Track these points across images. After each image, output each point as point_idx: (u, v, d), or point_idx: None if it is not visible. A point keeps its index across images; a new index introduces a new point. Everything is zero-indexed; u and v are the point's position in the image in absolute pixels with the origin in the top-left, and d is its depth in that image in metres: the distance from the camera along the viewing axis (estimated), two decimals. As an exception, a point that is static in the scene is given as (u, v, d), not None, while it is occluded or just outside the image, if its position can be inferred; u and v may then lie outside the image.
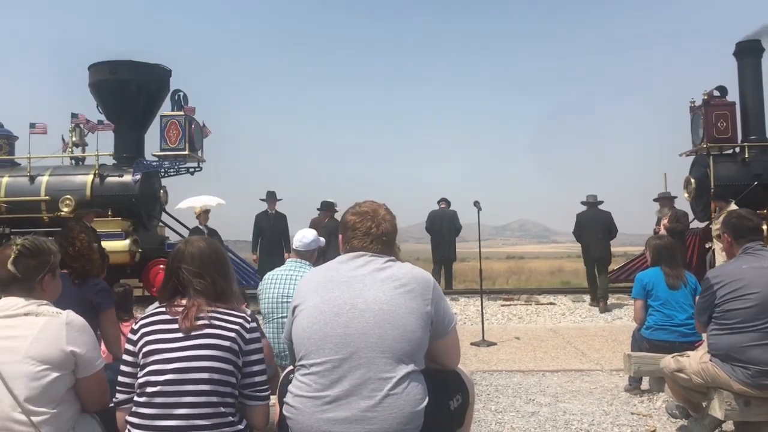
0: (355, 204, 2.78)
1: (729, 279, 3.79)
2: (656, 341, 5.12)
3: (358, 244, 2.65)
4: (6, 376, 2.37)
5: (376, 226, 2.65)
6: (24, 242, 2.64)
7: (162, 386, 2.35)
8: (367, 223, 2.66)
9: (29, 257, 2.63)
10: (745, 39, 13.43)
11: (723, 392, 3.75)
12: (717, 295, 3.79)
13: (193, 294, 2.53)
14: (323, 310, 2.44)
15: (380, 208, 2.73)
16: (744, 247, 3.93)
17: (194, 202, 12.39)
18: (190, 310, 2.47)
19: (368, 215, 2.68)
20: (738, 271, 3.81)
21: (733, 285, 3.74)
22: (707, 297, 3.88)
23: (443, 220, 13.37)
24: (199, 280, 2.55)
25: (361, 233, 2.65)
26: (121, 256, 11.78)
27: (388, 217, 2.71)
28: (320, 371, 2.35)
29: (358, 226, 2.67)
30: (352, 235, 2.67)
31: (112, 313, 4.00)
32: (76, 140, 13.39)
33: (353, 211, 2.73)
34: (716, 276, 3.88)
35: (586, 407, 4.99)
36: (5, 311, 2.52)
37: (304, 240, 4.89)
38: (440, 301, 2.55)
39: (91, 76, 13.62)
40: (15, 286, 2.59)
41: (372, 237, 2.64)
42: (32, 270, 2.63)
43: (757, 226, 4.02)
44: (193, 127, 13.37)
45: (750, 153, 12.71)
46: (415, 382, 2.36)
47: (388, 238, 2.68)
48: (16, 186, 12.86)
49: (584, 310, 10.92)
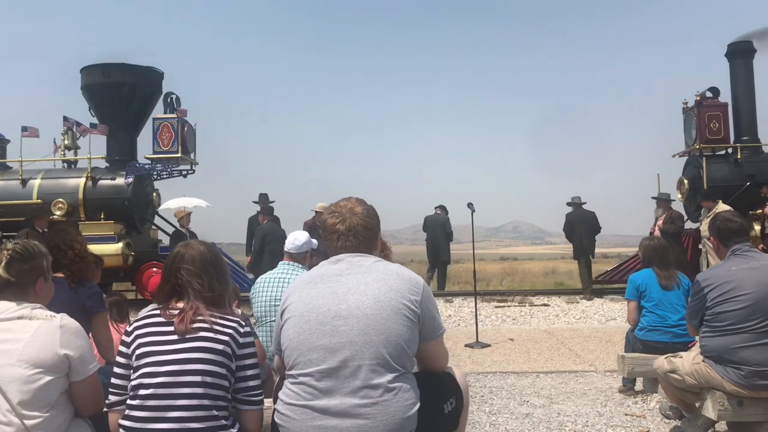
0: None
1: (719, 281, 3.79)
2: (650, 342, 5.12)
3: (331, 244, 2.61)
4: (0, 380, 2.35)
5: (342, 222, 2.58)
6: (15, 246, 2.62)
7: (154, 389, 2.34)
8: (334, 221, 2.60)
9: (21, 261, 2.60)
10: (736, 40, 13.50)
11: (716, 393, 3.76)
12: (708, 298, 3.80)
13: (192, 297, 2.52)
14: (308, 319, 2.40)
15: (350, 203, 2.64)
16: (732, 249, 3.94)
17: (172, 204, 12.39)
18: (187, 314, 2.46)
19: (335, 213, 2.62)
20: (727, 273, 3.81)
21: (723, 287, 3.75)
22: (698, 300, 3.89)
23: (435, 226, 13.86)
24: (199, 282, 2.55)
25: (329, 232, 2.61)
26: (114, 260, 11.75)
27: (358, 210, 2.61)
28: (309, 381, 2.32)
29: (327, 226, 2.63)
30: (325, 236, 2.64)
31: (105, 317, 3.99)
32: (68, 143, 13.35)
33: (327, 210, 2.70)
34: (706, 279, 3.89)
35: (580, 408, 4.99)
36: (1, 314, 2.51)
37: (296, 242, 4.88)
38: (429, 304, 2.50)
39: (83, 78, 13.59)
40: (8, 290, 2.57)
41: (339, 234, 2.58)
42: (25, 274, 2.60)
43: (741, 227, 4.03)
44: (185, 129, 13.36)
45: (742, 154, 12.79)
46: (406, 386, 2.34)
47: (359, 233, 2.58)
48: (8, 190, 12.82)
49: (578, 311, 10.94)
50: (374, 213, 2.68)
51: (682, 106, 13.63)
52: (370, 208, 2.68)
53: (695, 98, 13.13)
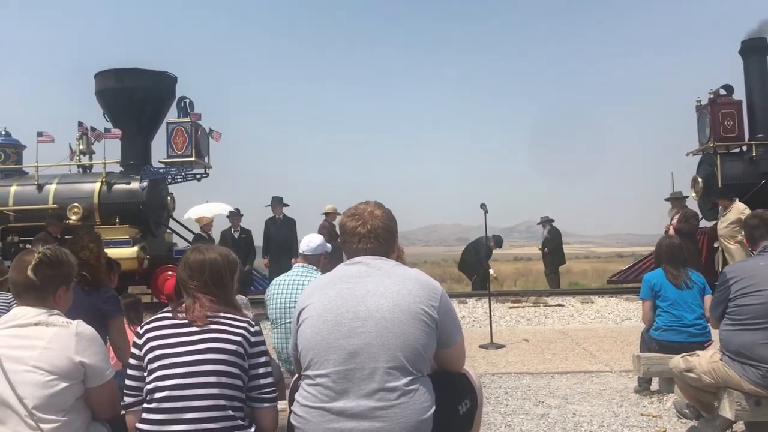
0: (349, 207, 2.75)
1: (744, 275, 3.83)
2: (665, 342, 5.10)
3: (350, 247, 2.63)
4: (16, 385, 2.39)
5: (362, 225, 2.60)
6: (46, 251, 2.66)
7: (169, 391, 2.36)
8: (354, 224, 2.62)
9: (49, 266, 2.64)
10: (750, 37, 13.38)
11: (733, 392, 3.73)
12: (732, 290, 3.83)
13: (192, 291, 2.59)
14: (326, 319, 2.41)
15: (369, 206, 2.66)
16: (763, 245, 4.01)
17: (194, 213, 12.49)
18: (193, 307, 2.53)
19: (355, 216, 2.64)
20: (754, 267, 3.86)
21: (747, 281, 3.78)
22: (722, 291, 3.91)
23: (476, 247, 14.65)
24: (195, 283, 2.61)
25: (349, 235, 2.62)
26: (130, 263, 11.80)
27: (377, 213, 2.63)
28: (325, 382, 2.33)
29: (347, 228, 2.64)
30: (344, 239, 2.66)
31: (121, 321, 4.03)
32: (83, 148, 13.43)
33: (345, 213, 2.71)
34: (732, 271, 3.93)
35: (596, 409, 4.97)
36: (16, 321, 2.54)
37: (310, 244, 4.90)
38: (448, 310, 2.51)
39: (97, 84, 13.68)
40: (30, 293, 2.61)
41: (359, 237, 2.60)
42: (50, 279, 2.64)
43: None
44: (199, 133, 13.42)
45: (757, 151, 12.66)
46: (423, 389, 2.35)
47: (379, 235, 2.60)
48: (24, 195, 12.92)
49: (593, 311, 10.89)
50: (393, 217, 2.71)
51: (696, 103, 13.52)
52: (389, 212, 2.70)
53: (709, 96, 13.03)
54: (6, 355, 2.44)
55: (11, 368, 2.41)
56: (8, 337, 2.49)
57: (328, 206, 12.73)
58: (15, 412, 2.37)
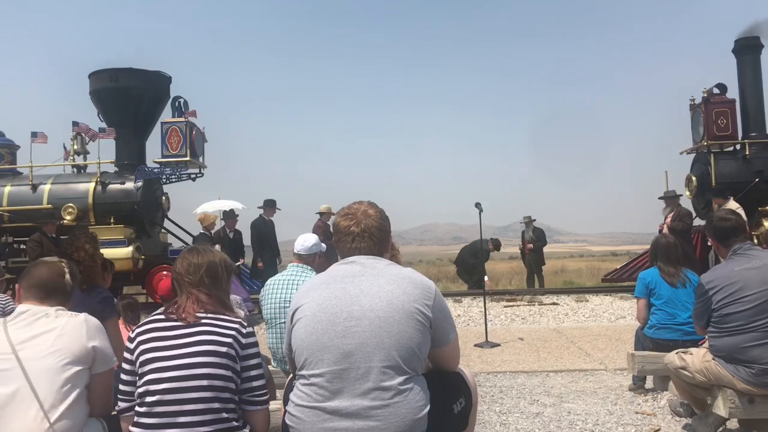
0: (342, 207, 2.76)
1: (723, 283, 3.77)
2: (659, 340, 5.11)
3: (344, 246, 2.64)
4: (30, 374, 2.46)
5: (356, 224, 2.61)
6: (70, 264, 2.96)
7: (161, 395, 2.35)
8: (348, 223, 2.63)
9: (73, 277, 2.91)
10: (743, 36, 13.42)
11: (727, 390, 3.76)
12: (713, 300, 3.78)
13: (187, 286, 2.61)
14: (320, 319, 2.41)
15: (363, 206, 2.67)
16: (733, 248, 3.92)
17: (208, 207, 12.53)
18: (187, 302, 2.55)
19: (349, 215, 2.65)
20: (731, 273, 3.79)
21: (728, 289, 3.73)
22: (703, 302, 3.86)
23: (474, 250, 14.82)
24: (191, 278, 2.62)
25: (343, 234, 2.63)
26: (124, 263, 11.79)
27: (371, 213, 2.64)
28: (320, 382, 2.34)
29: (341, 228, 2.65)
30: (338, 238, 2.66)
31: (115, 322, 4.03)
32: (77, 148, 13.42)
33: (339, 213, 2.73)
34: (710, 281, 3.86)
35: (591, 407, 4.98)
36: (27, 314, 2.66)
37: (305, 244, 4.89)
38: (441, 309, 2.51)
39: (91, 83, 13.66)
40: (57, 297, 2.78)
41: (353, 236, 2.60)
42: (73, 287, 2.92)
43: (737, 225, 3.99)
44: (194, 133, 13.41)
45: (751, 150, 12.72)
46: (417, 388, 2.35)
47: (373, 234, 2.61)
48: (18, 195, 12.90)
49: (588, 310, 10.91)
50: (386, 216, 2.72)
51: (690, 102, 13.57)
52: (382, 211, 2.71)
53: (702, 95, 13.07)
54: (22, 346, 2.52)
55: (26, 356, 2.49)
56: (21, 329, 2.59)
57: (322, 206, 12.71)
58: (27, 400, 2.43)
